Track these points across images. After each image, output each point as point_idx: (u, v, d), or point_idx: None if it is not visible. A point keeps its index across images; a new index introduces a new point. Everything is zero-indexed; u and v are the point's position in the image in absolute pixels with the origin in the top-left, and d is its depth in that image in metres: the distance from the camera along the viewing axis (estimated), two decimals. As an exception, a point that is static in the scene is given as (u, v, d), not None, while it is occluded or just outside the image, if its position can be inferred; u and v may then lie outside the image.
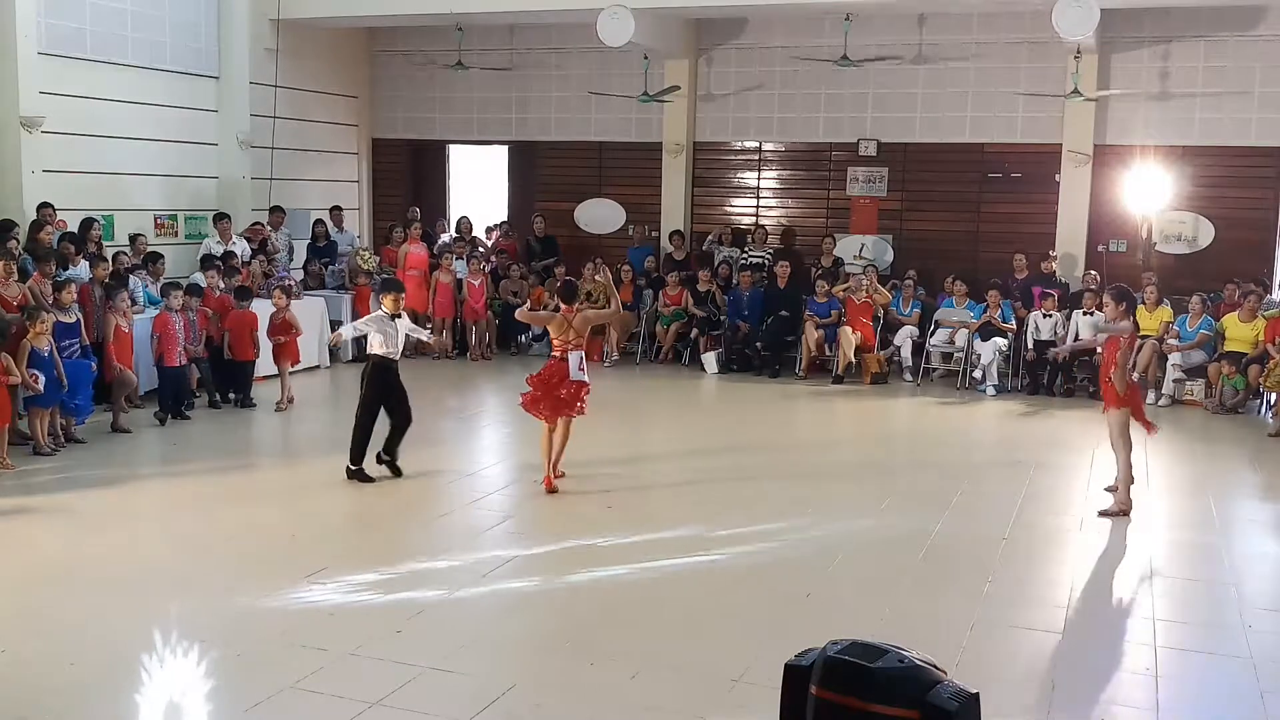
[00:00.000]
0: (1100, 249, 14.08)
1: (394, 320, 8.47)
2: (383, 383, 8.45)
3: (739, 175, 15.78)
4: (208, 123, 14.06)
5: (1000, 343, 12.71)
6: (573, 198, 16.33)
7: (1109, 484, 8.12)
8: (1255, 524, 8.19)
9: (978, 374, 12.82)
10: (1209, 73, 13.60)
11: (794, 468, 9.34)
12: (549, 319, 8.50)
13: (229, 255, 12.61)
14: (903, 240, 15.02)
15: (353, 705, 4.72)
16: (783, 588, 6.36)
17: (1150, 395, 11.79)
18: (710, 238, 15.57)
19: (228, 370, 11.16)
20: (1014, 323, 12.87)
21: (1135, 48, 13.83)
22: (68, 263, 10.57)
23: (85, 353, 9.65)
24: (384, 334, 8.41)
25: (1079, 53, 13.21)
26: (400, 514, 7.92)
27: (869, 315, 13.32)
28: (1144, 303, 12.02)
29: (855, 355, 13.10)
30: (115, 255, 11.59)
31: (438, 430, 10.06)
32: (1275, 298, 12.99)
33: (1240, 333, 11.86)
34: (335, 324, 13.60)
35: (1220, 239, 13.68)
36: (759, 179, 15.71)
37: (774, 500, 8.21)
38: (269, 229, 13.93)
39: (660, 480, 8.85)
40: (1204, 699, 5.21)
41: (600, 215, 16.24)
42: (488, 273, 14.69)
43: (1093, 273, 13.44)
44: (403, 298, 8.86)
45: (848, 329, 13.10)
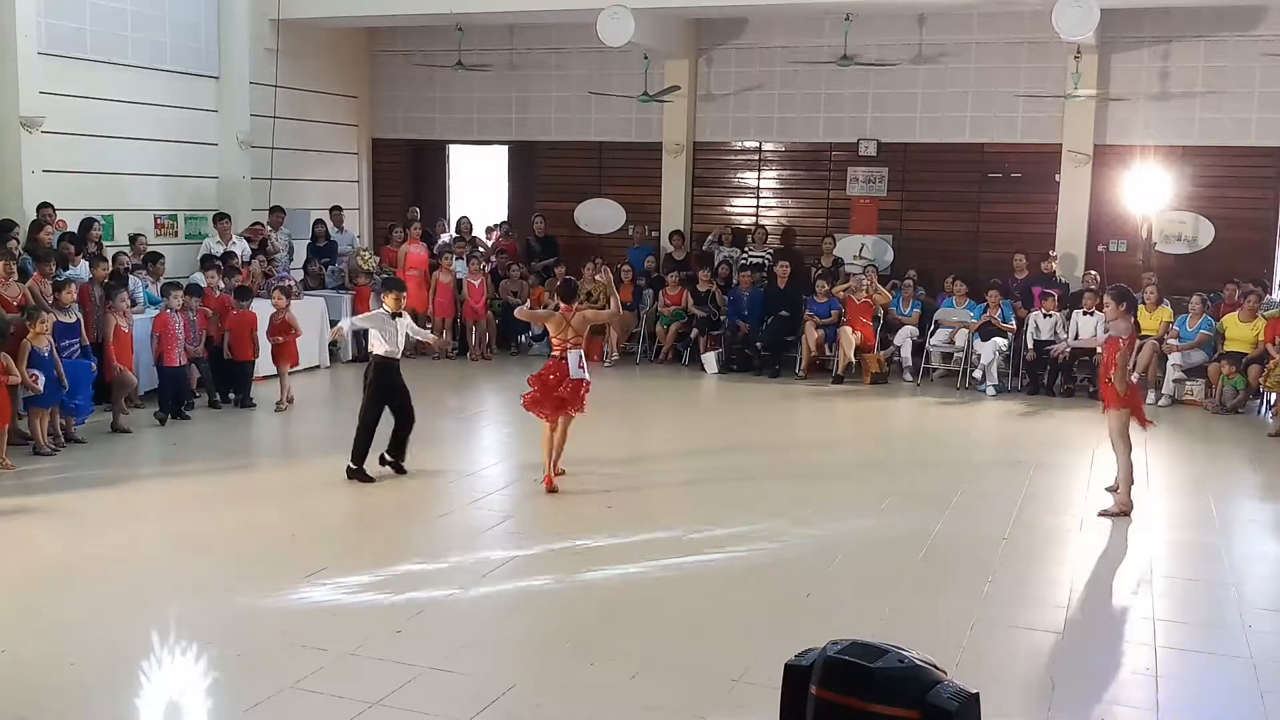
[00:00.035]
0: (1100, 249, 14.08)
1: (395, 319, 8.47)
2: (387, 383, 8.46)
3: (739, 175, 15.78)
4: (208, 123, 14.06)
5: (1000, 343, 12.71)
6: (573, 198, 16.33)
7: (1109, 484, 8.12)
8: (1255, 524, 8.19)
9: (978, 374, 12.82)
10: (1209, 73, 13.60)
11: (794, 468, 9.34)
12: (548, 317, 8.52)
13: (229, 255, 12.61)
14: (903, 240, 15.02)
15: (353, 705, 4.72)
16: (783, 588, 6.36)
17: (1150, 395, 11.79)
18: (710, 238, 15.57)
19: (228, 370, 11.17)
20: (1014, 323, 12.87)
21: (1135, 48, 13.83)
22: (68, 263, 10.57)
23: (85, 353, 9.65)
24: (385, 332, 8.41)
25: (1079, 53, 13.22)
26: (400, 514, 7.92)
27: (869, 315, 13.33)
28: (1144, 303, 12.02)
29: (855, 355, 13.10)
30: (116, 255, 11.59)
31: (438, 430, 10.05)
32: (1275, 298, 12.99)
33: (1240, 333, 11.86)
34: (335, 324, 13.60)
35: (1220, 239, 13.69)
36: (759, 179, 15.71)
37: (774, 500, 8.21)
38: (269, 229, 13.93)
39: (660, 480, 8.85)
40: (1204, 699, 5.21)
41: (600, 215, 16.24)
42: (488, 273, 14.69)
43: (1093, 273, 13.45)
44: (404, 296, 8.88)
45: (848, 329, 13.10)
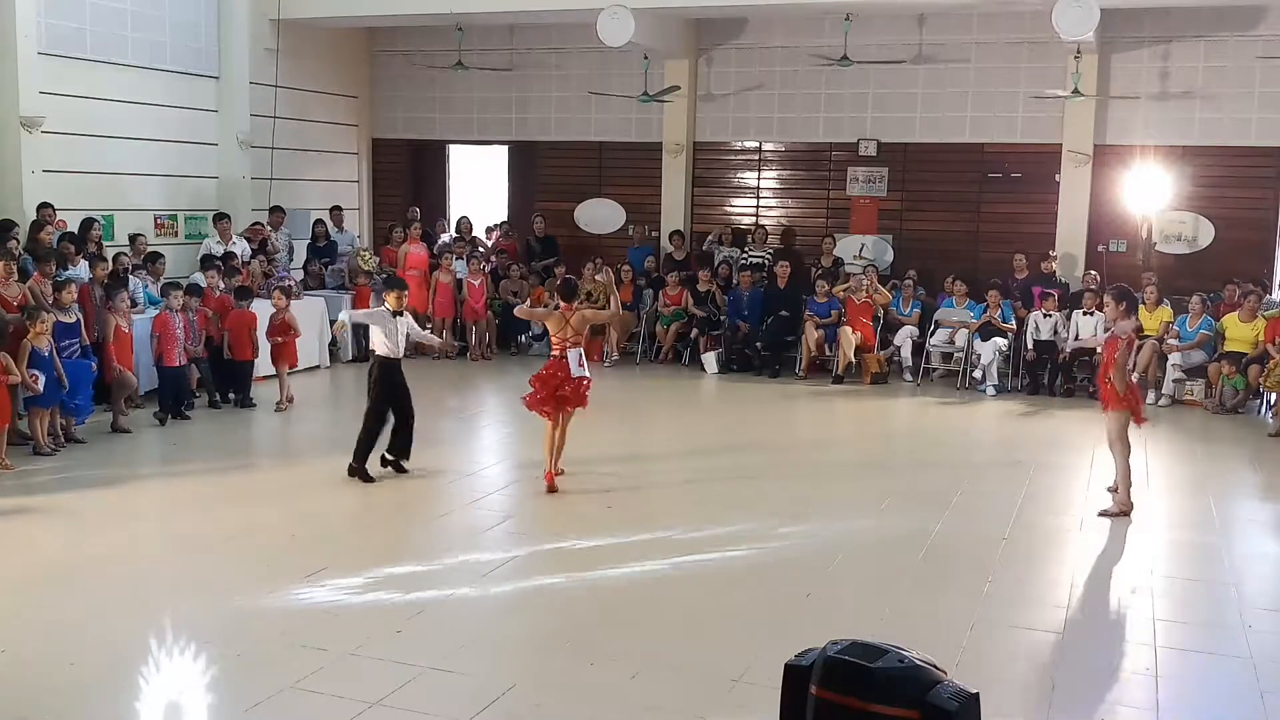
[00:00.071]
0: (1100, 249, 14.08)
1: (396, 317, 8.49)
2: (390, 382, 8.48)
3: (739, 175, 15.77)
4: (208, 123, 14.06)
5: (1000, 343, 12.71)
6: (573, 198, 16.33)
7: (1110, 484, 8.11)
8: (1255, 524, 8.19)
9: (978, 374, 12.82)
10: (1209, 73, 13.60)
11: (794, 468, 9.34)
12: (548, 315, 8.55)
13: (229, 256, 12.61)
14: (903, 240, 15.01)
15: (353, 705, 4.72)
16: (783, 588, 6.36)
17: (1150, 395, 11.78)
18: (710, 238, 15.56)
19: (228, 370, 11.16)
20: (1014, 323, 12.86)
21: (1135, 48, 13.83)
22: (67, 262, 10.57)
23: (85, 353, 9.65)
24: (385, 330, 8.43)
25: (1079, 53, 13.22)
26: (400, 514, 7.92)
27: (869, 315, 13.32)
28: (1144, 303, 12.02)
29: (855, 355, 13.09)
30: (116, 256, 11.60)
31: (438, 430, 10.05)
32: (1275, 298, 12.99)
33: (1240, 333, 11.86)
34: (335, 322, 13.59)
35: (1220, 239, 13.68)
36: (759, 179, 15.71)
37: (774, 500, 8.21)
38: (269, 229, 13.93)
39: (660, 480, 8.85)
40: (1204, 699, 5.21)
41: (600, 215, 16.24)
42: (488, 273, 14.69)
43: (1093, 273, 13.45)
44: (406, 295, 8.91)
45: (848, 329, 13.10)
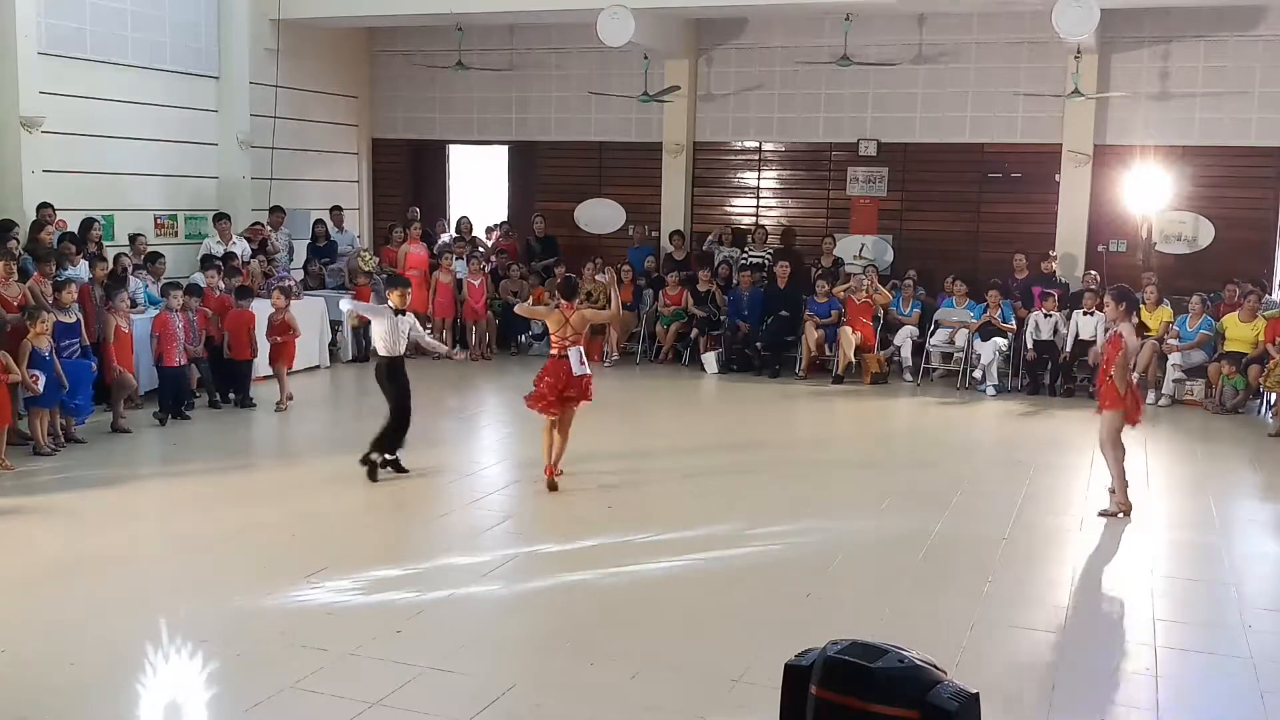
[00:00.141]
0: (1100, 249, 14.07)
1: (398, 316, 8.51)
2: (392, 381, 8.51)
3: (739, 175, 15.77)
4: (208, 123, 14.05)
5: (1000, 343, 12.71)
6: (573, 198, 16.33)
7: (1110, 484, 8.11)
8: (1255, 524, 8.19)
9: (978, 374, 12.82)
10: (1209, 73, 13.60)
11: (794, 468, 9.34)
12: (548, 314, 8.57)
13: (229, 256, 12.60)
14: (903, 240, 15.01)
15: (353, 705, 4.72)
16: (783, 588, 6.36)
17: (1150, 395, 11.79)
18: (710, 238, 15.56)
19: (228, 370, 11.16)
20: (1014, 323, 12.87)
21: (1135, 48, 13.83)
22: (67, 262, 10.57)
23: (85, 353, 9.64)
24: (386, 327, 8.45)
25: (1079, 53, 13.21)
26: (400, 514, 7.92)
27: (869, 315, 13.32)
28: (1144, 303, 12.01)
29: (855, 355, 13.09)
30: (117, 256, 11.60)
31: (438, 430, 10.05)
32: (1275, 298, 12.99)
33: (1240, 333, 11.86)
34: (335, 324, 13.61)
35: (1220, 239, 13.68)
36: (759, 179, 15.71)
37: (774, 500, 8.21)
38: (269, 229, 13.93)
39: (660, 480, 8.84)
40: (1204, 699, 5.21)
41: (600, 215, 16.23)
42: (488, 273, 14.69)
43: (1093, 273, 13.44)
44: (409, 293, 8.93)
45: (848, 329, 13.10)
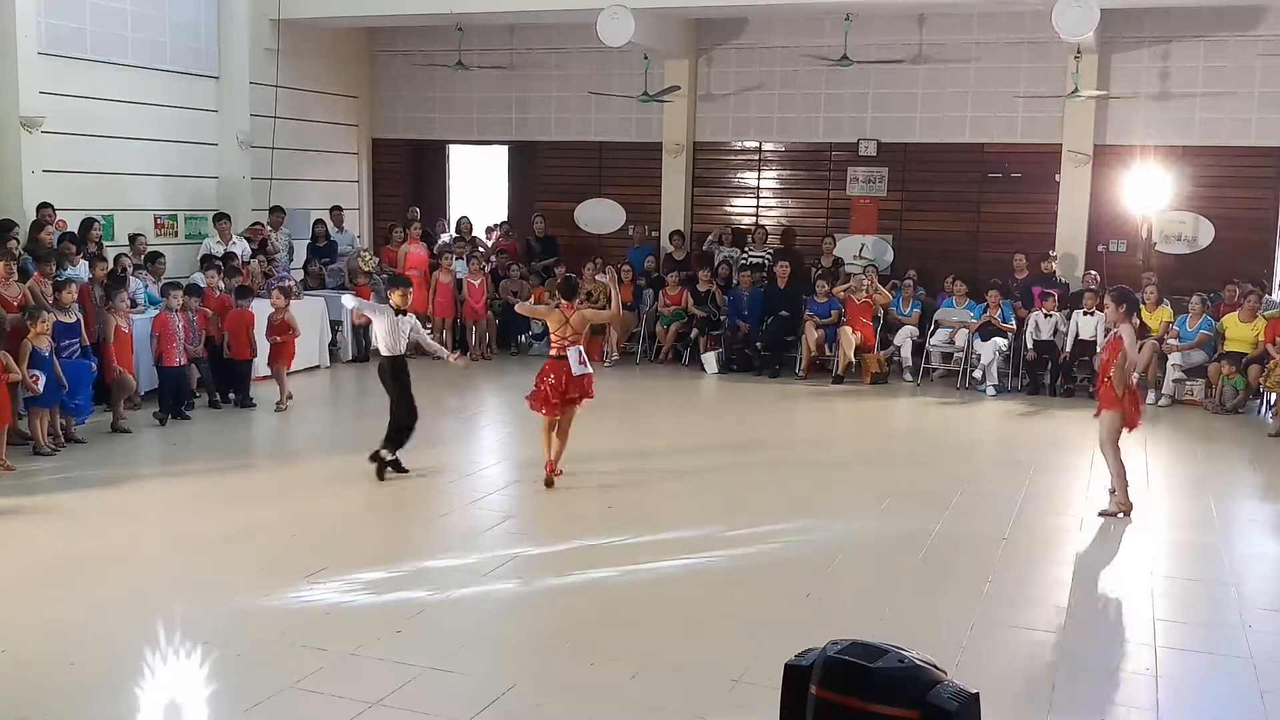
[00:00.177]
0: (1100, 249, 14.07)
1: (399, 315, 8.52)
2: (402, 379, 8.52)
3: (739, 175, 15.77)
4: (208, 123, 14.05)
5: (1000, 343, 12.71)
6: (573, 198, 16.32)
7: (1110, 484, 8.11)
8: (1255, 524, 8.19)
9: (978, 374, 12.82)
10: (1209, 73, 13.59)
11: (794, 468, 9.35)
12: (548, 313, 8.60)
13: (229, 256, 12.60)
14: (903, 240, 15.01)
15: (353, 705, 4.72)
16: (783, 588, 6.36)
17: (1150, 395, 11.79)
18: (710, 238, 15.56)
19: (228, 370, 11.16)
20: (1014, 323, 12.87)
21: (1135, 48, 13.83)
22: (66, 262, 10.57)
23: (85, 353, 9.64)
24: (387, 325, 8.46)
25: (1079, 53, 13.21)
26: (400, 514, 7.92)
27: (869, 315, 13.32)
28: (1144, 303, 12.02)
29: (855, 355, 13.09)
30: (117, 257, 11.59)
31: (438, 430, 10.05)
32: (1275, 298, 12.99)
33: (1240, 333, 11.86)
34: (335, 324, 13.62)
35: (1220, 239, 13.68)
36: (759, 179, 15.71)
37: (774, 500, 8.21)
38: (269, 229, 13.92)
39: (660, 480, 8.84)
40: (1204, 699, 5.21)
41: (600, 215, 16.23)
42: (488, 273, 14.69)
43: (1093, 273, 13.44)
44: (410, 293, 8.95)
45: (848, 329, 13.10)
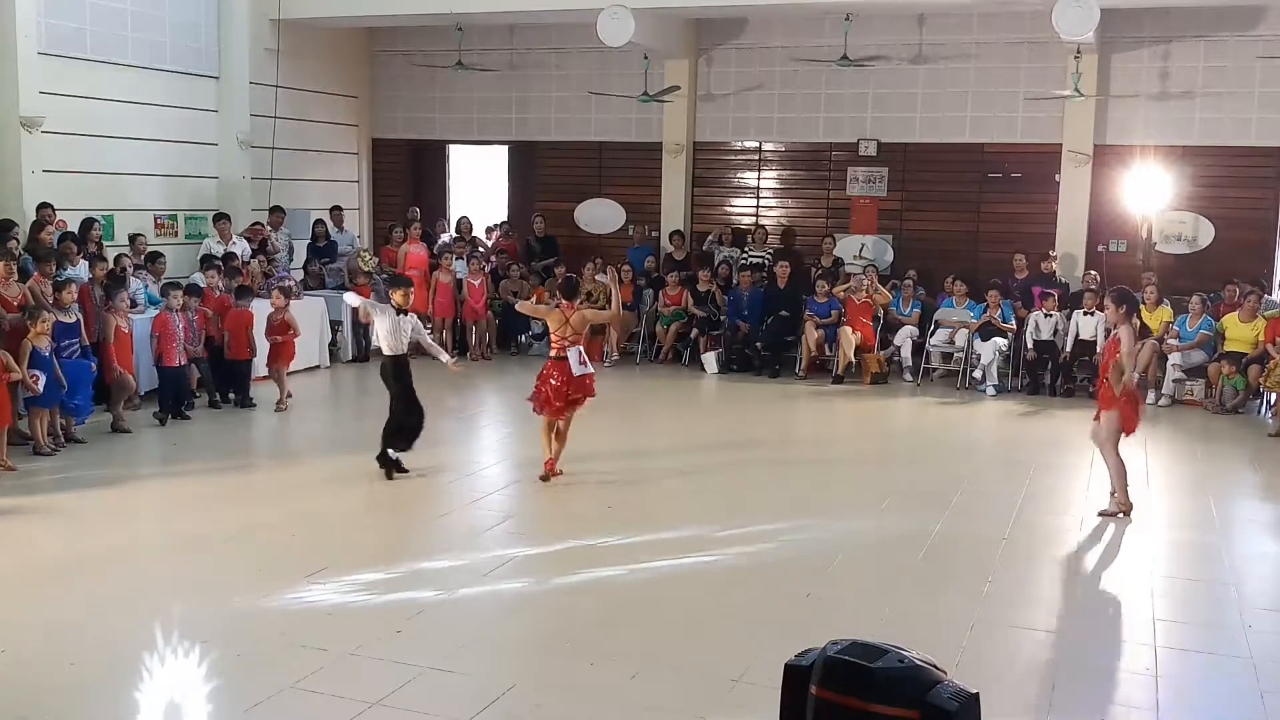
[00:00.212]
0: (1100, 249, 14.07)
1: (400, 315, 8.52)
2: (404, 378, 8.53)
3: (739, 175, 15.77)
4: (208, 123, 14.05)
5: (1000, 343, 12.71)
6: (573, 198, 16.32)
7: (1111, 484, 8.10)
8: (1255, 524, 8.19)
9: (978, 374, 12.82)
10: (1209, 73, 13.59)
11: (794, 468, 9.35)
12: (549, 312, 8.62)
13: (229, 256, 12.60)
14: (903, 240, 15.01)
15: (353, 705, 4.72)
16: (783, 588, 6.36)
17: (1150, 395, 11.79)
18: (710, 238, 15.56)
19: (228, 370, 11.16)
20: (1014, 323, 12.87)
21: (1135, 48, 13.82)
22: (66, 262, 10.56)
23: (85, 353, 9.64)
24: (388, 325, 8.46)
25: (1079, 53, 13.21)
26: (400, 514, 7.92)
27: (869, 315, 13.32)
28: (1144, 303, 12.02)
29: (855, 355, 13.09)
30: (117, 257, 11.59)
31: (438, 430, 10.02)
32: (1275, 298, 12.99)
33: (1240, 333, 11.86)
34: (335, 324, 13.62)
35: (1220, 239, 13.68)
36: (759, 179, 15.70)
37: (774, 500, 8.21)
38: (269, 229, 13.92)
39: (660, 480, 8.85)
40: (1204, 699, 5.21)
41: (600, 215, 16.23)
42: (488, 273, 14.69)
43: (1093, 273, 13.44)
44: (411, 292, 8.96)
45: (848, 329, 13.10)
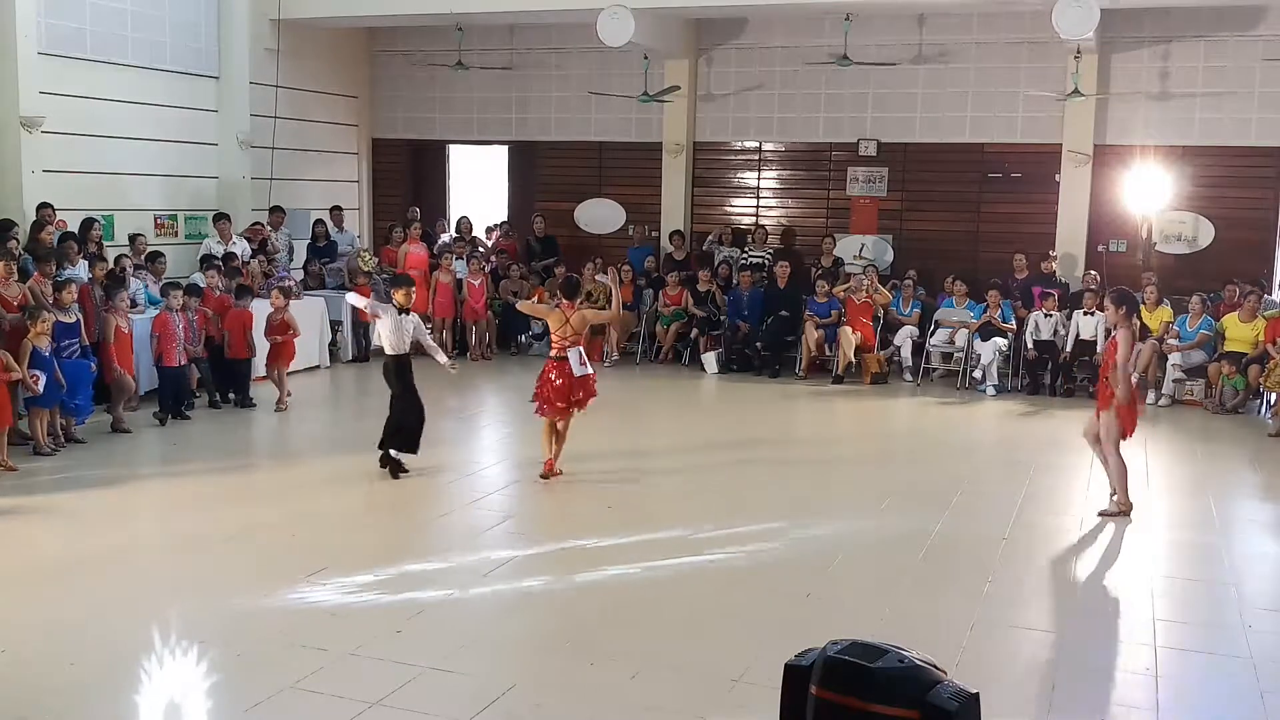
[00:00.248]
0: (1100, 249, 14.07)
1: (402, 315, 8.53)
2: (406, 378, 8.53)
3: (739, 175, 15.77)
4: (208, 123, 14.05)
5: (1000, 343, 12.71)
6: (573, 198, 16.32)
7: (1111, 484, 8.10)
8: (1255, 524, 8.18)
9: (978, 374, 12.82)
10: (1209, 73, 13.59)
11: (794, 468, 9.34)
12: (549, 312, 8.63)
13: (229, 256, 12.60)
14: (903, 240, 15.01)
15: (353, 705, 4.72)
16: (783, 588, 6.36)
17: (1150, 395, 11.80)
18: (710, 238, 15.56)
19: (228, 370, 11.16)
20: (1014, 323, 12.87)
21: (1135, 48, 13.82)
22: (65, 262, 10.56)
23: (85, 353, 9.64)
24: (391, 325, 8.47)
25: (1079, 53, 13.21)
26: (400, 514, 7.92)
27: (869, 315, 13.32)
28: (1144, 303, 12.02)
29: (855, 355, 13.09)
30: (117, 257, 11.59)
31: (438, 430, 10.01)
32: (1275, 298, 12.99)
33: (1240, 333, 11.86)
34: (335, 324, 13.61)
35: (1220, 239, 13.68)
36: (759, 179, 15.71)
37: (774, 500, 8.21)
38: (269, 229, 13.92)
39: (660, 480, 8.84)
40: (1204, 699, 5.21)
41: (600, 215, 16.23)
42: (488, 273, 14.69)
43: (1093, 273, 13.44)
44: (413, 292, 8.97)
45: (848, 329, 13.10)
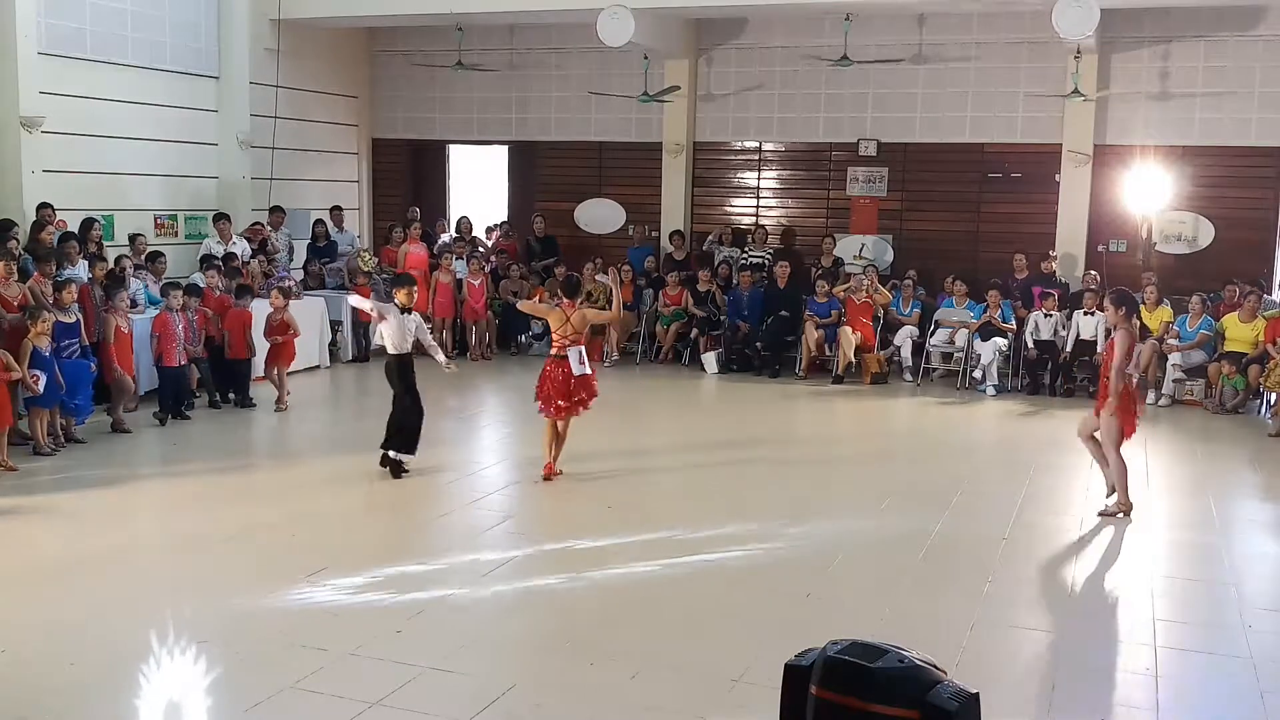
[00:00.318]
0: (1100, 249, 14.07)
1: (404, 314, 8.54)
2: (408, 377, 8.54)
3: (739, 175, 15.77)
4: (208, 123, 14.05)
5: (1000, 343, 12.71)
6: (573, 198, 16.32)
7: (1109, 483, 8.10)
8: (1255, 524, 8.18)
9: (978, 374, 12.82)
10: (1209, 73, 13.59)
11: (794, 468, 9.34)
12: (550, 311, 8.63)
13: (229, 256, 12.60)
14: (903, 240, 15.01)
15: (353, 705, 4.72)
16: (783, 588, 6.36)
17: (1150, 395, 11.80)
18: (710, 238, 15.56)
19: (228, 370, 11.16)
20: (1014, 323, 12.87)
21: (1135, 48, 13.82)
22: (65, 262, 10.56)
23: (85, 353, 9.64)
24: (394, 324, 8.47)
25: (1079, 53, 13.21)
26: (400, 514, 7.92)
27: (869, 315, 13.32)
28: (1144, 303, 12.02)
29: (855, 355, 13.09)
30: (117, 257, 11.59)
31: (438, 430, 10.03)
32: (1275, 298, 12.99)
33: (1240, 333, 11.86)
34: (335, 324, 13.61)
35: (1220, 239, 13.68)
36: (759, 179, 15.71)
37: (774, 500, 8.21)
38: (269, 229, 13.92)
39: (660, 480, 8.85)
40: (1204, 699, 5.21)
41: (600, 215, 16.23)
42: (488, 273, 14.69)
43: (1093, 273, 13.44)
44: (415, 291, 8.97)
45: (848, 329, 13.10)
